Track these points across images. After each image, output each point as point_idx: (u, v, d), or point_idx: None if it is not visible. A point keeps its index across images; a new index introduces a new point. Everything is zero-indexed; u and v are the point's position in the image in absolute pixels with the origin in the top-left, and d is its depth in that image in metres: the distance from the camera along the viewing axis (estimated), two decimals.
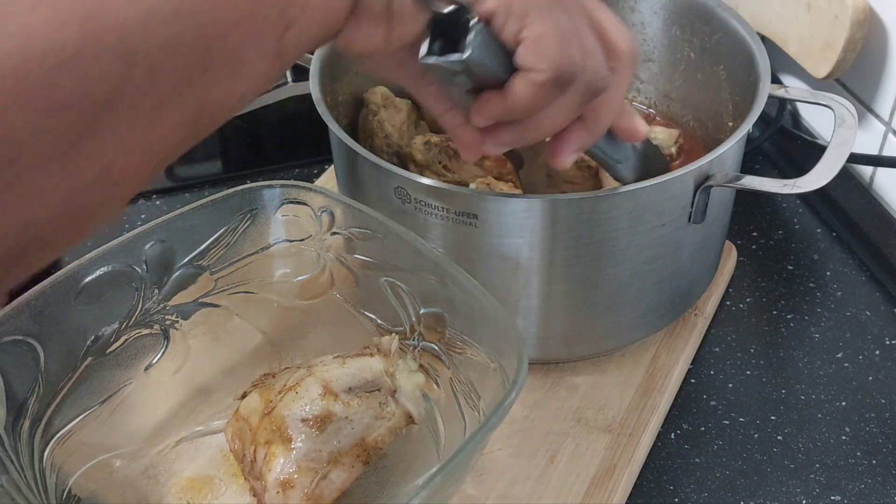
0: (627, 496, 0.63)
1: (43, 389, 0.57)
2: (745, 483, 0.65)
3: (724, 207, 0.69)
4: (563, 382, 0.70)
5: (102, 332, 0.61)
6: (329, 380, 0.57)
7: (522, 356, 0.52)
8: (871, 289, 0.79)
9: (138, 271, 0.61)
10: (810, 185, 0.61)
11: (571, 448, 0.65)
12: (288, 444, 0.55)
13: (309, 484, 0.53)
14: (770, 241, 0.84)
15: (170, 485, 0.61)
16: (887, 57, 0.79)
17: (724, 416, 0.69)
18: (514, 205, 0.59)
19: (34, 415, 0.57)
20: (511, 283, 0.63)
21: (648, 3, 0.80)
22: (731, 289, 0.80)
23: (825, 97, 0.68)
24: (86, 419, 0.60)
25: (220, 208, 0.63)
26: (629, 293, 0.65)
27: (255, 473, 0.56)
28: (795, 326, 0.76)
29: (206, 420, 0.64)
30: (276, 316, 0.68)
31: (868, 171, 0.84)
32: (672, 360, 0.71)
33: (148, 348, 0.64)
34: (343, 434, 0.55)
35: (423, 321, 0.63)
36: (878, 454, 0.66)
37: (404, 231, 0.60)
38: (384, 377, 0.59)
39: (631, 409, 0.68)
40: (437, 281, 0.59)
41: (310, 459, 0.54)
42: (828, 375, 0.72)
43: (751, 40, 0.71)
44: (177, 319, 0.65)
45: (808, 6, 0.82)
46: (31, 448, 0.56)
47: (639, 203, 0.60)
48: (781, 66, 0.92)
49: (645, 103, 0.86)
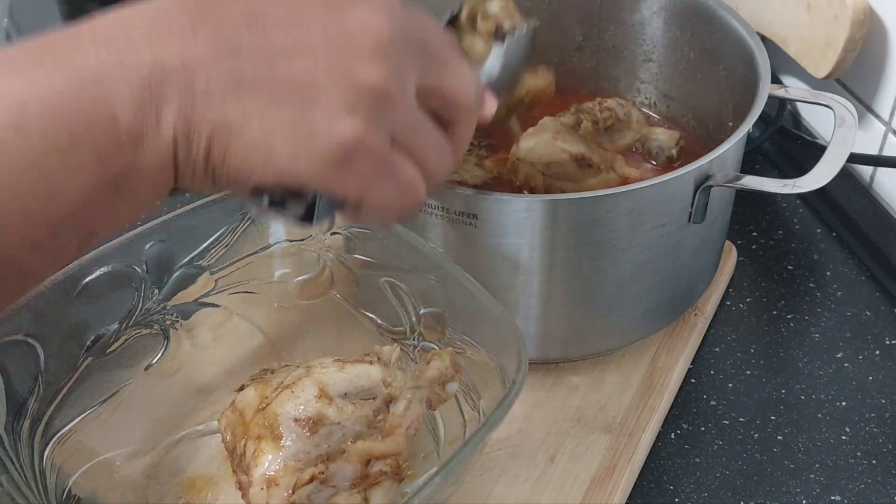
0: (627, 496, 0.63)
1: (43, 389, 0.57)
2: (745, 483, 0.65)
3: (724, 207, 0.69)
4: (563, 382, 0.70)
5: (102, 332, 0.61)
6: (326, 383, 0.57)
7: (522, 356, 0.52)
8: (871, 289, 0.79)
9: (138, 271, 0.61)
10: (810, 185, 0.61)
11: (571, 448, 0.65)
12: (278, 441, 0.55)
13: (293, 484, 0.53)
14: (770, 241, 0.84)
15: (170, 485, 0.61)
16: (887, 57, 0.79)
17: (724, 416, 0.69)
18: (514, 205, 0.59)
19: (34, 415, 0.57)
20: (511, 283, 0.63)
21: (648, 3, 0.80)
22: (731, 289, 0.80)
23: (825, 97, 0.68)
24: (86, 419, 0.60)
25: (220, 208, 0.63)
26: (629, 293, 0.65)
27: (243, 468, 0.56)
28: (795, 326, 0.76)
29: (206, 420, 0.64)
30: (276, 316, 0.68)
31: (868, 171, 0.84)
32: (672, 360, 0.71)
33: (148, 348, 0.64)
34: (333, 438, 0.55)
35: (423, 321, 0.63)
36: (878, 454, 0.66)
37: (404, 231, 0.61)
38: (381, 387, 0.59)
39: (631, 409, 0.68)
40: (437, 281, 0.60)
41: (297, 460, 0.54)
42: (828, 375, 0.72)
43: (751, 40, 0.71)
44: (177, 319, 0.65)
45: (808, 6, 0.82)
46: (31, 448, 0.56)
47: (639, 203, 0.60)
48: (781, 66, 0.92)
49: (645, 103, 0.86)
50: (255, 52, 0.38)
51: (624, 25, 0.83)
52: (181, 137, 0.38)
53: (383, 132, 0.41)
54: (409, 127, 0.42)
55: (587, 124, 0.76)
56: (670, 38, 0.80)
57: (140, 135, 0.37)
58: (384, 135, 0.41)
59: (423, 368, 0.57)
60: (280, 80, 0.38)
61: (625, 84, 0.86)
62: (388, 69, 0.40)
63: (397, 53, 0.41)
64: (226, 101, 0.38)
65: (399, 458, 0.54)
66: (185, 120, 0.37)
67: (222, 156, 0.38)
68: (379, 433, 0.56)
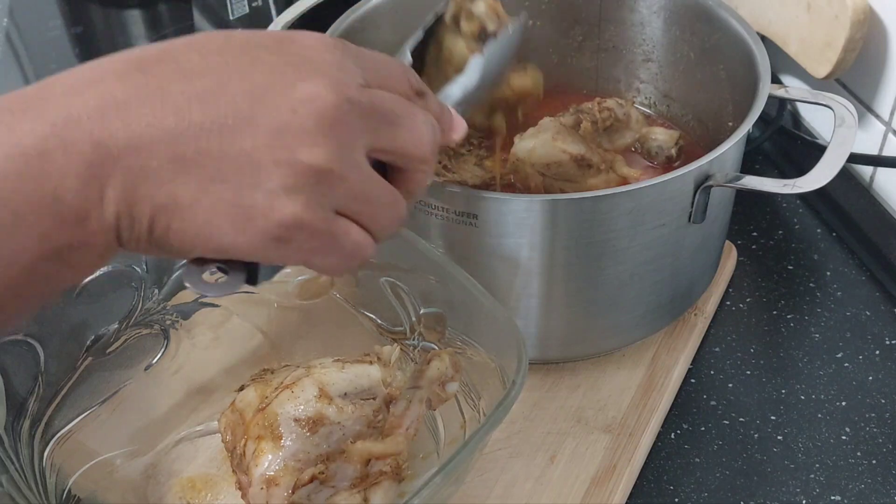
0: (627, 496, 0.63)
1: (43, 389, 0.58)
2: (745, 483, 0.65)
3: (724, 207, 0.69)
4: (563, 382, 0.70)
5: (102, 332, 0.61)
6: (326, 383, 0.57)
7: (522, 356, 0.52)
8: (871, 289, 0.79)
9: (138, 271, 0.61)
10: (810, 185, 0.61)
11: (571, 448, 0.65)
12: (278, 441, 0.55)
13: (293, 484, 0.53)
14: (770, 241, 0.84)
15: (170, 485, 0.61)
16: (887, 57, 0.79)
17: (724, 416, 0.69)
18: (514, 205, 0.59)
19: (34, 415, 0.57)
20: (511, 283, 0.63)
21: (648, 3, 0.80)
22: (731, 289, 0.80)
23: (825, 97, 0.68)
24: (86, 419, 0.60)
25: None
26: (629, 293, 0.65)
27: (243, 468, 0.56)
28: (795, 326, 0.76)
29: (206, 420, 0.64)
30: (276, 316, 0.68)
31: (868, 171, 0.84)
32: (672, 360, 0.71)
33: (148, 348, 0.64)
34: (333, 439, 0.55)
35: (423, 321, 0.63)
36: (878, 454, 0.66)
37: (404, 231, 0.61)
38: (381, 387, 0.59)
39: (631, 409, 0.68)
40: (437, 281, 0.60)
41: (297, 460, 0.54)
42: (828, 375, 0.72)
43: (751, 40, 0.71)
44: (177, 319, 0.65)
45: (808, 6, 0.82)
46: (31, 448, 0.56)
47: (639, 203, 0.60)
48: (781, 66, 0.92)
49: (645, 103, 0.86)
50: (198, 130, 0.38)
51: (624, 25, 0.83)
52: (124, 216, 0.38)
53: (325, 208, 0.41)
54: (354, 196, 0.42)
55: (587, 124, 0.76)
56: (670, 38, 0.80)
57: (84, 213, 0.37)
58: (326, 210, 0.41)
59: (423, 368, 0.57)
60: (221, 159, 0.38)
61: (624, 84, 0.86)
62: (330, 147, 0.40)
63: (343, 125, 0.41)
64: (168, 180, 0.38)
65: (399, 458, 0.54)
66: (128, 199, 0.38)
67: (165, 232, 0.39)
68: (379, 433, 0.56)
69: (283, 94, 0.40)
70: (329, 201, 0.41)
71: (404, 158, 0.44)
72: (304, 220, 0.40)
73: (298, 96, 0.40)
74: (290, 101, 0.40)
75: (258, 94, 0.39)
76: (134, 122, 0.37)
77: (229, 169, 0.38)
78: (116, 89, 0.38)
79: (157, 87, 0.38)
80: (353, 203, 0.42)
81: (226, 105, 0.39)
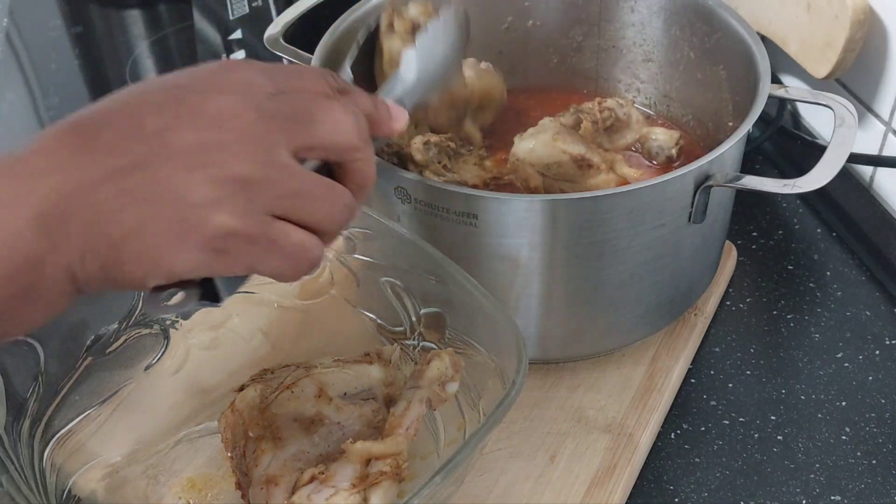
0: (627, 496, 0.63)
1: (43, 389, 0.58)
2: (745, 483, 0.65)
3: (724, 207, 0.69)
4: (563, 382, 0.70)
5: (102, 332, 0.61)
6: (325, 383, 0.57)
7: (522, 356, 0.52)
8: (871, 289, 0.79)
9: None
10: (810, 185, 0.61)
11: (571, 448, 0.65)
12: (278, 441, 0.55)
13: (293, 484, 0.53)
14: (770, 241, 0.84)
15: (170, 485, 0.61)
16: (887, 57, 0.79)
17: (724, 416, 0.69)
18: (514, 205, 0.59)
19: (34, 415, 0.57)
20: (511, 283, 0.63)
21: (648, 3, 0.80)
22: (731, 289, 0.80)
23: (825, 97, 0.68)
24: (86, 419, 0.60)
25: None
26: (629, 293, 0.65)
27: (243, 468, 0.56)
28: (795, 326, 0.76)
29: (206, 420, 0.64)
30: (276, 316, 0.69)
31: (868, 171, 0.84)
32: (672, 360, 0.71)
33: (148, 348, 0.64)
34: (333, 438, 0.55)
35: (423, 321, 0.63)
36: (878, 454, 0.66)
37: (404, 231, 0.61)
38: (381, 387, 0.59)
39: (631, 409, 0.68)
40: (437, 281, 0.60)
41: (297, 459, 0.54)
42: (828, 375, 0.72)
43: (751, 40, 0.71)
44: (177, 319, 0.65)
45: (808, 6, 0.82)
46: (31, 448, 0.56)
47: (639, 203, 0.60)
48: (781, 66, 0.92)
49: (645, 103, 0.86)
50: (133, 166, 0.41)
51: (624, 25, 0.83)
52: (76, 259, 0.40)
53: (256, 213, 0.42)
54: (285, 198, 0.43)
55: (587, 124, 0.76)
56: (670, 38, 0.80)
57: (39, 259, 0.40)
58: (257, 215, 0.43)
59: (423, 368, 0.57)
60: (156, 186, 0.41)
61: (624, 84, 0.86)
62: (247, 154, 0.42)
63: (256, 132, 0.43)
64: (114, 218, 0.40)
65: (399, 458, 0.54)
66: (80, 243, 0.40)
67: (118, 267, 0.41)
68: (378, 433, 0.56)
69: (195, 116, 0.42)
70: (258, 206, 0.42)
71: (333, 151, 0.46)
72: (235, 228, 0.42)
73: (210, 115, 0.42)
74: (203, 121, 0.42)
75: (172, 125, 0.42)
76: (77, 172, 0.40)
77: (164, 193, 0.41)
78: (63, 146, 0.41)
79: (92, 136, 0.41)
80: (285, 202, 0.43)
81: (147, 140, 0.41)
